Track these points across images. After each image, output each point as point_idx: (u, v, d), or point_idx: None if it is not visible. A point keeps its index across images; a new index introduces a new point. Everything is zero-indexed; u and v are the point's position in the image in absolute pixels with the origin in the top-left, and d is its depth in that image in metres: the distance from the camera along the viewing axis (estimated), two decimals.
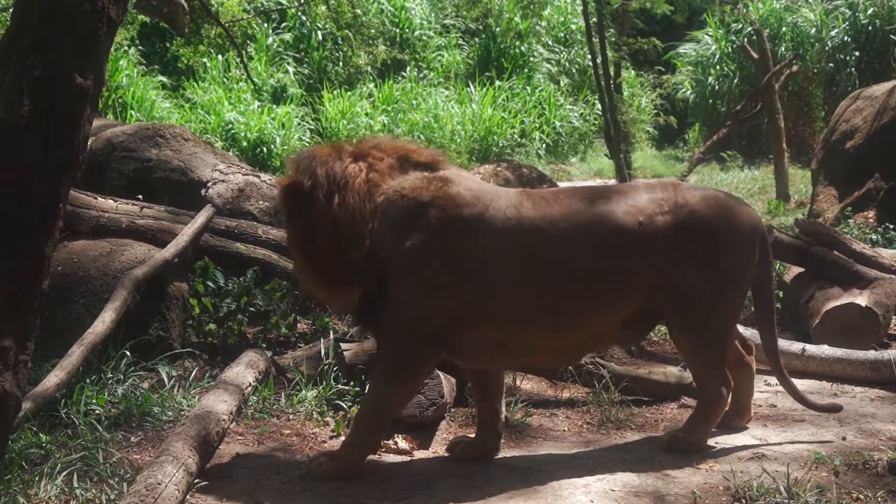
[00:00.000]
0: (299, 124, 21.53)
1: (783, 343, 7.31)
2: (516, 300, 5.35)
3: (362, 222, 5.34)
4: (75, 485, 4.96)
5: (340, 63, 23.81)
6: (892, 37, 21.58)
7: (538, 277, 5.38)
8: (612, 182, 16.76)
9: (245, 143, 20.24)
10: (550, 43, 26.02)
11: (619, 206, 5.47)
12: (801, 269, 8.54)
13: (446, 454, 5.67)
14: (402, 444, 5.77)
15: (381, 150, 5.57)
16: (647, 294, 5.48)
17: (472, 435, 5.77)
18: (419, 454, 5.72)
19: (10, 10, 4.94)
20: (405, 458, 5.65)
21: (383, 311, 5.34)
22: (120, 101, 20.77)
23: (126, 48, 21.65)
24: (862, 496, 4.85)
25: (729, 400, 5.84)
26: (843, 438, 5.79)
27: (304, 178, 5.44)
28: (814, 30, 22.99)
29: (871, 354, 7.06)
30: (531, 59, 25.30)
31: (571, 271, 5.37)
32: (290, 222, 5.60)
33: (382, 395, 5.43)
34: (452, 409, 6.35)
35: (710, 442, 5.71)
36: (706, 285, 5.48)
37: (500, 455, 5.64)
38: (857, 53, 22.02)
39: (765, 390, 6.85)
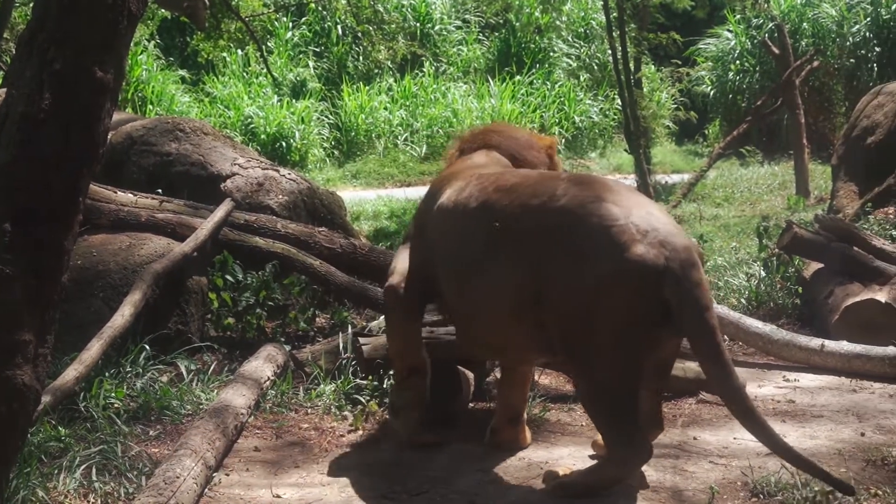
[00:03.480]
0: (319, 119, 21.58)
1: (802, 339, 7.30)
2: (445, 286, 5.41)
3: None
4: (94, 478, 4.99)
5: (360, 58, 23.83)
6: None
7: (449, 264, 5.37)
8: (632, 178, 16.73)
9: (264, 138, 20.31)
10: (570, 38, 25.94)
11: (518, 191, 5.05)
12: (821, 265, 8.51)
13: (465, 449, 5.67)
14: (422, 437, 5.78)
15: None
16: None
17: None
18: (440, 449, 5.72)
19: (31, 4, 4.97)
20: (425, 451, 5.64)
21: None
22: (139, 95, 20.88)
23: (146, 43, 21.72)
24: (881, 492, 4.84)
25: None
26: (862, 434, 5.77)
27: None
28: (835, 25, 22.87)
29: (891, 350, 7.02)
30: (551, 54, 25.23)
31: (463, 260, 5.24)
32: None
33: None
34: (471, 404, 6.36)
35: (728, 438, 5.70)
36: (584, 312, 4.68)
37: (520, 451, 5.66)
38: (878, 49, 21.90)
39: (783, 386, 6.83)
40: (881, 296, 7.59)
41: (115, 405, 6.02)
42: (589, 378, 4.83)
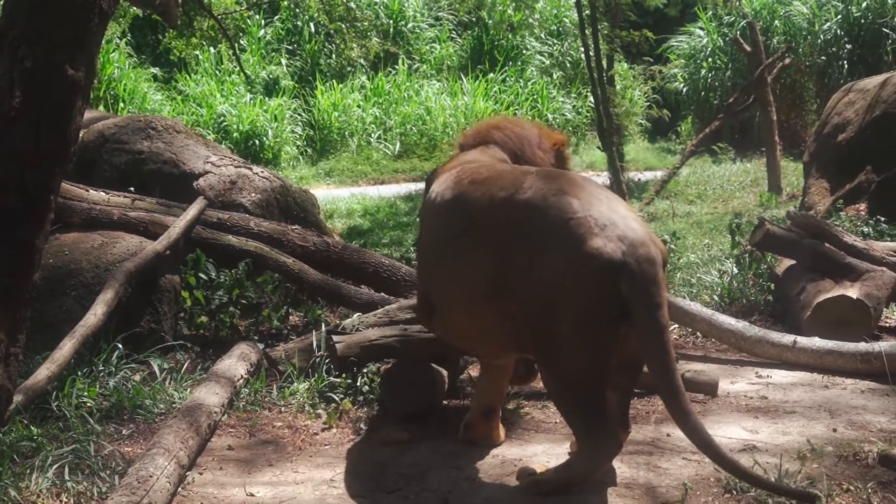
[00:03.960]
0: (291, 116, 21.56)
1: (774, 335, 7.33)
2: (426, 277, 5.60)
3: None
4: (67, 477, 4.97)
5: (333, 55, 23.80)
6: (884, 30, 21.59)
7: (428, 255, 5.57)
8: (605, 175, 16.76)
9: (237, 136, 20.27)
10: (543, 35, 25.97)
11: (488, 184, 5.13)
12: (793, 262, 8.54)
13: (439, 446, 5.67)
14: (396, 434, 5.78)
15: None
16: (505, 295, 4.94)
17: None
18: (413, 446, 5.72)
19: (2, 2, 4.93)
20: (398, 449, 5.65)
21: None
22: (111, 93, 20.81)
23: (117, 41, 21.63)
24: (852, 487, 4.86)
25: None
26: (834, 430, 5.79)
27: None
28: (806, 23, 22.99)
29: (862, 346, 7.06)
30: (524, 51, 25.27)
31: (440, 251, 5.38)
32: None
33: None
34: (445, 402, 6.36)
35: None
36: (545, 304, 4.73)
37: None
38: (849, 46, 22.02)
39: (756, 382, 6.85)
40: (852, 292, 7.63)
41: (88, 404, 6.00)
42: (555, 371, 4.86)
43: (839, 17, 22.31)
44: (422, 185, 16.43)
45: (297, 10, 23.45)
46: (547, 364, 4.92)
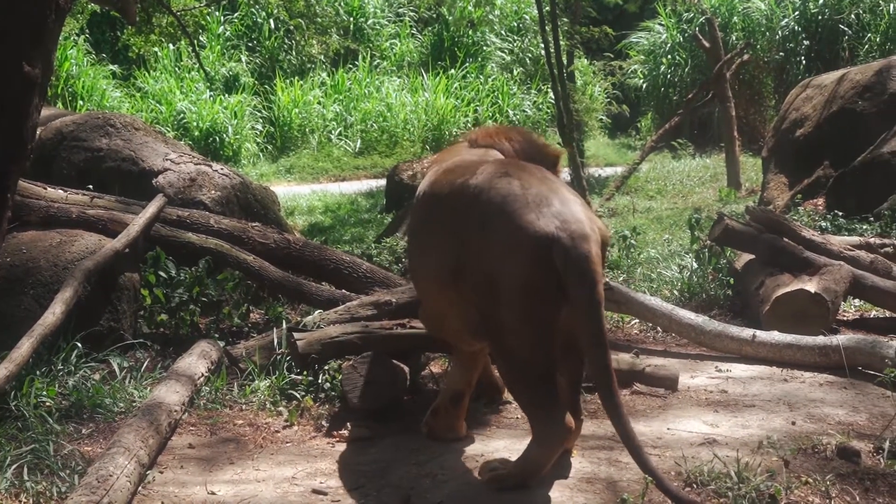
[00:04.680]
0: (251, 113, 21.51)
1: (734, 329, 7.37)
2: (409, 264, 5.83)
3: None
4: (26, 478, 4.93)
5: (293, 52, 23.77)
6: (840, 26, 21.81)
7: (409, 243, 5.83)
8: (565, 172, 16.81)
9: (197, 133, 20.23)
10: (503, 32, 26.06)
11: (453, 172, 5.33)
12: (752, 257, 8.60)
13: (400, 442, 5.67)
14: (357, 431, 5.77)
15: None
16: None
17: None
18: (375, 443, 5.72)
19: None
20: (360, 445, 5.64)
21: None
22: (69, 90, 20.68)
23: (75, 37, 21.49)
24: (811, 480, 4.90)
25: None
26: (793, 423, 5.83)
27: None
28: (764, 19, 23.17)
29: (820, 340, 7.11)
30: (484, 48, 25.33)
31: (415, 238, 5.63)
32: None
33: None
34: (406, 398, 6.36)
35: (662, 428, 5.74)
36: (487, 280, 4.80)
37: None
38: (806, 43, 22.23)
39: (715, 376, 6.89)
40: (810, 286, 7.69)
41: (47, 404, 5.96)
42: (504, 354, 4.95)
43: (797, 13, 22.52)
44: (383, 182, 16.46)
45: (257, 7, 23.38)
46: (497, 347, 5.00)
